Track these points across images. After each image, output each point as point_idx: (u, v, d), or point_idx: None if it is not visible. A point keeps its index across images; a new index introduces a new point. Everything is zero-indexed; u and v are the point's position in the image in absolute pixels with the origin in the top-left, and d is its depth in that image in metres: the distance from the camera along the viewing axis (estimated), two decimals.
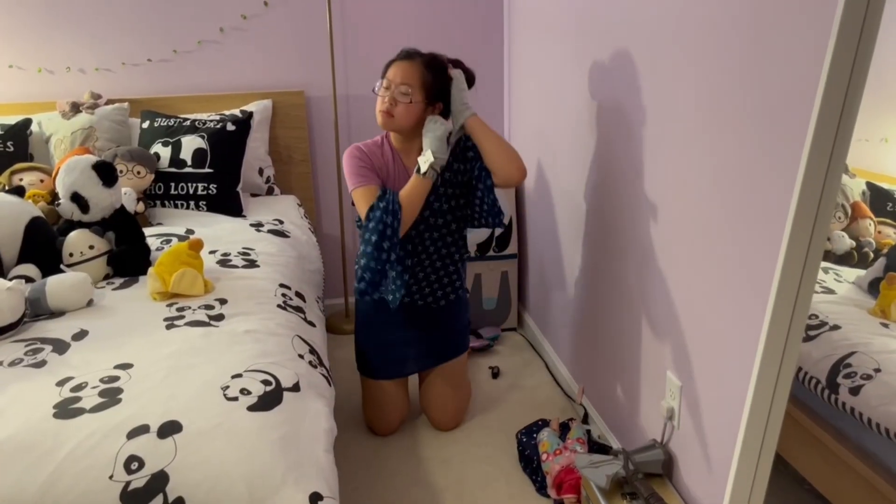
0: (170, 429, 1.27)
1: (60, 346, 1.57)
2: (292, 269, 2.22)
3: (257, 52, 3.07)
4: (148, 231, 2.33)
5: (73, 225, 2.04)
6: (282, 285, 2.01)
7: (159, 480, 1.19)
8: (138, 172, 2.55)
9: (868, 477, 1.47)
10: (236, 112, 2.91)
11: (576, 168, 2.36)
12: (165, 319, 1.70)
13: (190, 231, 2.43)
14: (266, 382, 1.43)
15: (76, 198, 2.02)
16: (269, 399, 1.38)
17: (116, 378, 1.42)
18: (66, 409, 1.31)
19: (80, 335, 1.63)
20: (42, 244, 1.98)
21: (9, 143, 2.63)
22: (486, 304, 3.15)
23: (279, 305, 1.86)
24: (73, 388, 1.38)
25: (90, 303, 1.81)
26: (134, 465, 1.20)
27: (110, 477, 1.19)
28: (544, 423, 2.26)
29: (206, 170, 2.68)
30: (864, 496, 1.49)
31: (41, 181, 2.52)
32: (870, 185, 1.76)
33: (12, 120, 2.71)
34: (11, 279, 1.78)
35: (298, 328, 1.80)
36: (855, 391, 1.49)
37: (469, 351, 2.49)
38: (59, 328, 1.67)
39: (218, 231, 2.43)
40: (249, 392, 1.39)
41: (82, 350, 1.56)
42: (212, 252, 2.17)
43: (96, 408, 1.31)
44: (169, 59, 3.01)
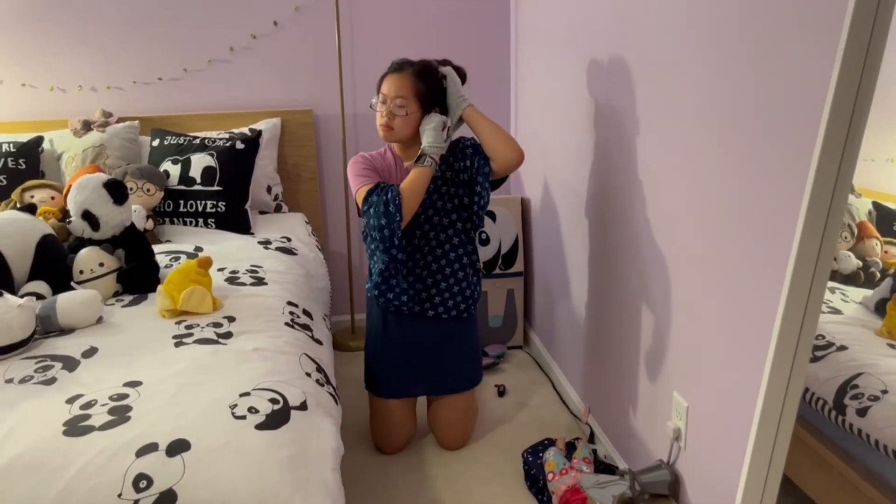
0: (178, 447, 1.27)
1: (70, 364, 1.58)
2: (300, 287, 2.23)
3: (267, 71, 3.11)
4: (157, 248, 2.35)
5: (83, 242, 2.06)
6: (289, 303, 2.02)
7: (168, 499, 1.19)
8: (148, 190, 2.57)
9: (875, 499, 1.46)
10: (245, 130, 2.94)
11: (582, 186, 2.38)
12: (174, 337, 1.71)
13: (198, 248, 2.45)
14: (274, 401, 1.44)
15: (87, 215, 2.03)
16: (277, 418, 1.39)
17: (125, 396, 1.43)
18: (75, 426, 1.32)
19: (90, 352, 1.64)
20: (53, 261, 2.00)
21: (21, 161, 2.67)
22: (493, 321, 3.15)
23: (287, 323, 1.87)
24: (83, 406, 1.39)
25: (100, 320, 1.82)
26: (143, 484, 1.21)
27: (119, 495, 1.19)
28: (550, 442, 2.25)
29: (215, 187, 2.70)
30: None
31: (52, 198, 2.55)
32: (876, 205, 1.77)
33: (25, 137, 2.74)
34: (22, 296, 1.79)
35: (306, 346, 1.81)
36: (862, 412, 1.48)
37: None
38: (69, 345, 1.68)
39: (226, 248, 2.45)
40: (257, 410, 1.39)
41: (92, 367, 1.57)
42: (220, 269, 2.19)
43: (105, 425, 1.32)
44: (179, 78, 3.05)
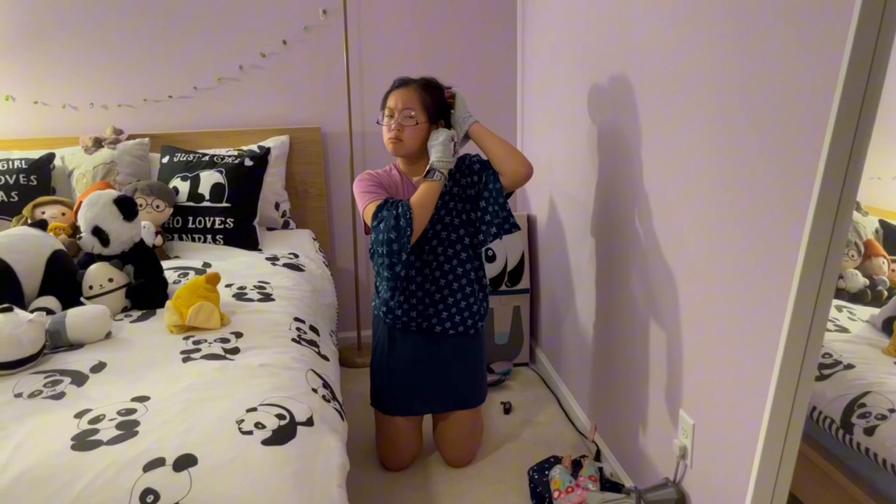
0: (185, 462, 1.28)
1: (79, 379, 1.59)
2: (307, 303, 2.24)
3: (275, 89, 3.14)
4: (165, 264, 2.36)
5: (93, 258, 2.07)
6: (296, 319, 2.03)
7: None
8: (157, 206, 2.60)
9: None
10: (254, 147, 2.97)
11: (587, 203, 2.39)
12: (182, 352, 1.72)
13: (207, 264, 2.46)
14: (280, 416, 1.44)
15: (97, 231, 2.05)
16: (284, 433, 1.39)
17: (133, 410, 1.44)
18: (83, 441, 1.32)
19: (99, 367, 1.65)
20: (63, 277, 2.02)
21: (32, 177, 2.70)
22: (499, 338, 3.15)
23: (294, 339, 1.88)
24: (91, 421, 1.40)
25: (109, 335, 1.84)
26: (150, 498, 1.21)
27: None
28: (556, 459, 2.24)
29: (224, 204, 2.72)
30: None
31: (63, 214, 2.57)
32: (883, 224, 1.77)
33: (36, 154, 2.78)
34: (32, 311, 1.81)
35: (312, 362, 1.81)
36: (869, 431, 1.48)
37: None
38: (77, 360, 1.69)
39: (234, 264, 2.46)
40: (264, 426, 1.40)
41: (100, 382, 1.58)
42: (228, 285, 2.20)
43: (113, 440, 1.32)
44: (189, 96, 3.09)
